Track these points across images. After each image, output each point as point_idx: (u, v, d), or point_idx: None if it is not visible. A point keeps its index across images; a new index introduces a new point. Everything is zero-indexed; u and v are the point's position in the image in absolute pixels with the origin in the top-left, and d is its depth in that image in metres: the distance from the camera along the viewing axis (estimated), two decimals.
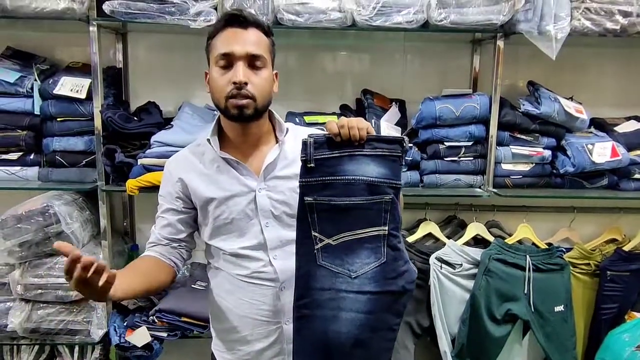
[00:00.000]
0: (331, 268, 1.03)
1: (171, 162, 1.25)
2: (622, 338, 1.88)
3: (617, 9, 1.69)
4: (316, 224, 1.03)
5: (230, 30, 1.11)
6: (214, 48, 1.13)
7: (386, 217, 1.03)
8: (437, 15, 1.66)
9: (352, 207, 1.01)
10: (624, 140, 1.90)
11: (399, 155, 1.02)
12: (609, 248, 2.03)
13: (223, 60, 1.10)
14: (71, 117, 1.81)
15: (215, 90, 1.12)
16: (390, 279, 1.04)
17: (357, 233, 1.03)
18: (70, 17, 1.69)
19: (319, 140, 1.01)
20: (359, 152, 1.00)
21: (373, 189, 1.01)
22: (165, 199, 1.24)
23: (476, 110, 1.81)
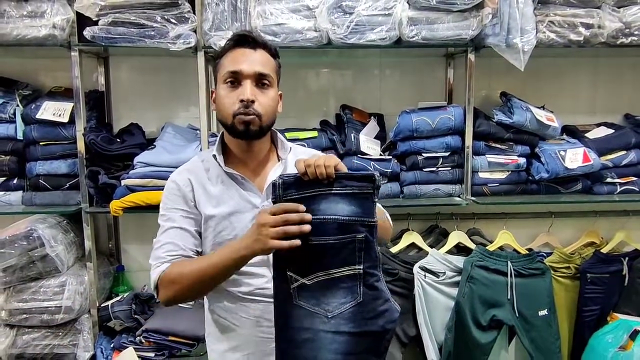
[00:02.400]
0: (307, 308, 1.02)
1: (176, 175, 1.22)
2: (605, 339, 1.91)
3: (580, 22, 1.77)
4: (290, 263, 1.01)
5: (239, 50, 1.14)
6: (222, 67, 1.15)
7: (360, 255, 1.01)
8: (409, 32, 1.73)
9: (324, 247, 1.00)
10: (595, 145, 1.97)
11: (370, 192, 1.00)
12: (587, 251, 2.08)
13: (231, 78, 1.13)
14: (54, 141, 1.83)
15: (223, 107, 1.14)
16: (368, 319, 1.01)
17: (330, 273, 1.01)
18: (52, 44, 1.73)
19: (288, 181, 1.00)
20: (328, 191, 0.99)
21: (345, 228, 1.00)
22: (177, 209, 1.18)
23: (451, 122, 1.87)
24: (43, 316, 1.77)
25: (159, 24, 1.70)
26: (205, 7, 1.74)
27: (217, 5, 1.72)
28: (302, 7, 1.74)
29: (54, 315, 1.77)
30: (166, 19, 1.70)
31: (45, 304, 1.76)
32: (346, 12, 1.71)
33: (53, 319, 1.77)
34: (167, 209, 1.18)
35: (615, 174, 1.97)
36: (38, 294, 1.77)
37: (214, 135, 1.94)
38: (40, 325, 1.78)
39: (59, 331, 1.81)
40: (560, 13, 1.77)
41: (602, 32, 1.78)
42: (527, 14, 1.70)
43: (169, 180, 1.21)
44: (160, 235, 1.17)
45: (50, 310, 1.77)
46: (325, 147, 1.91)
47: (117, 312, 1.86)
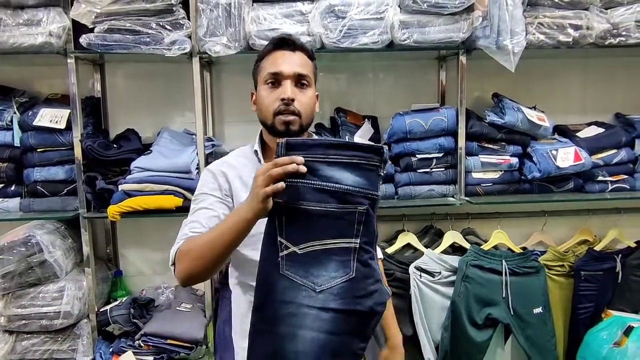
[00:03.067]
0: (294, 279, 0.95)
1: (212, 165, 1.26)
2: (600, 336, 1.94)
3: (568, 23, 1.80)
4: (283, 228, 0.96)
5: (279, 52, 1.19)
6: (263, 69, 1.21)
7: (359, 229, 0.96)
8: (401, 35, 1.75)
9: (322, 214, 0.94)
10: (586, 144, 2.00)
11: (377, 165, 0.96)
12: (581, 249, 2.10)
13: (272, 79, 1.18)
14: (51, 147, 1.85)
15: (263, 107, 1.19)
16: (357, 298, 0.96)
17: (325, 243, 0.96)
18: (48, 51, 1.75)
19: (292, 142, 0.95)
20: (334, 158, 0.94)
21: (346, 198, 0.94)
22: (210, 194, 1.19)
23: (444, 123, 1.89)
24: (42, 322, 1.78)
25: (154, 30, 1.72)
26: (199, 13, 1.76)
27: (211, 11, 1.74)
28: (295, 12, 1.76)
29: (52, 321, 1.78)
30: (161, 26, 1.72)
31: (44, 309, 1.77)
32: (339, 17, 1.74)
33: (52, 324, 1.78)
34: (199, 194, 1.21)
35: (606, 172, 2.00)
36: (37, 300, 1.78)
37: (209, 140, 1.96)
38: (40, 330, 1.80)
39: (57, 336, 1.82)
40: (549, 15, 1.80)
41: (590, 33, 1.81)
42: (516, 16, 1.72)
43: (205, 170, 1.25)
44: (189, 216, 1.18)
45: (49, 315, 1.78)
46: None
47: (115, 316, 1.87)
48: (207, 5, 1.74)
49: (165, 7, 1.72)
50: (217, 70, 2.09)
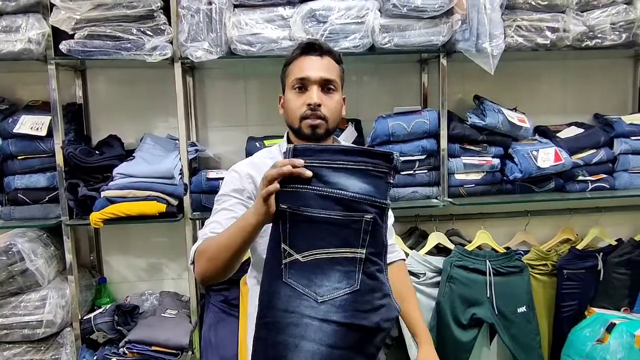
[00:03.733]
0: (296, 288, 0.93)
1: (239, 165, 1.25)
2: (583, 333, 1.96)
3: (546, 26, 1.83)
4: (287, 235, 0.93)
5: (306, 57, 1.20)
6: (290, 73, 1.22)
7: (365, 238, 0.92)
8: (382, 39, 1.77)
9: (326, 222, 0.92)
10: (566, 145, 2.03)
11: (386, 172, 0.94)
12: (563, 248, 2.13)
13: (299, 84, 1.19)
14: (32, 154, 1.83)
15: (291, 111, 1.20)
16: (362, 312, 0.92)
17: (329, 252, 0.93)
18: (27, 58, 1.73)
19: (299, 148, 0.94)
20: (340, 164, 0.92)
21: (352, 205, 0.92)
22: (232, 196, 1.19)
23: (426, 125, 1.91)
24: (24, 331, 1.76)
25: (135, 36, 1.71)
26: (180, 18, 1.76)
27: (192, 16, 1.74)
28: (277, 17, 1.77)
29: (35, 330, 1.76)
30: (142, 31, 1.72)
31: (26, 318, 1.75)
32: (320, 21, 1.75)
33: (34, 333, 1.76)
34: (222, 194, 1.21)
35: (586, 171, 2.03)
36: (19, 309, 1.76)
37: (193, 145, 1.96)
38: (22, 340, 1.77)
39: (40, 345, 1.80)
40: (527, 18, 1.83)
41: (567, 36, 1.84)
42: (495, 20, 1.75)
43: (231, 170, 1.25)
44: (211, 216, 1.19)
45: (32, 324, 1.76)
46: None
47: (99, 324, 1.86)
48: (188, 11, 1.74)
49: (146, 13, 1.71)
50: (199, 75, 2.09)
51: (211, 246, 1.05)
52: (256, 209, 0.96)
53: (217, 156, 2.14)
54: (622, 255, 2.09)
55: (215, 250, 1.04)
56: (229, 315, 1.91)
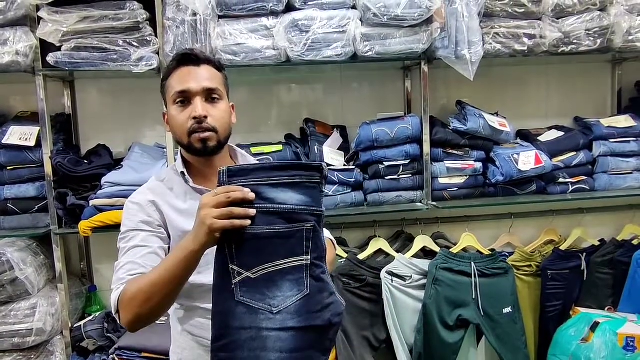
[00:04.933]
0: (251, 304, 0.95)
1: (136, 196, 1.18)
2: (568, 333, 1.99)
3: (523, 33, 1.88)
4: (234, 255, 0.95)
5: (184, 69, 1.14)
6: (170, 87, 1.16)
7: (308, 245, 0.97)
8: (363, 47, 1.81)
9: (272, 236, 0.95)
10: (547, 148, 2.07)
11: (319, 182, 0.99)
12: (547, 249, 2.17)
13: (180, 97, 1.13)
14: (21, 165, 1.85)
15: (177, 127, 1.15)
16: (315, 313, 0.97)
17: (278, 264, 0.96)
18: (15, 70, 1.76)
19: (234, 169, 0.96)
20: (276, 180, 0.96)
21: (293, 217, 0.96)
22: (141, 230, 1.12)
23: (409, 131, 1.95)
24: (14, 339, 1.77)
25: (121, 47, 1.75)
26: (166, 30, 1.79)
27: (177, 27, 1.77)
28: (261, 27, 1.81)
29: (25, 338, 1.77)
30: (128, 43, 1.75)
31: (16, 327, 1.77)
32: (302, 31, 1.79)
33: (24, 341, 1.78)
34: (127, 231, 1.13)
35: (566, 174, 2.07)
36: (8, 318, 1.78)
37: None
38: (12, 349, 1.78)
39: (31, 354, 1.81)
40: (504, 25, 1.88)
41: (544, 42, 1.89)
42: (473, 27, 1.80)
43: (129, 202, 1.17)
44: (121, 257, 1.11)
45: (21, 333, 1.77)
46: (290, 159, 1.97)
47: (89, 331, 1.87)
48: (174, 22, 1.77)
49: (132, 25, 1.75)
50: None
51: (142, 287, 0.99)
52: (197, 236, 0.94)
53: None
54: (605, 256, 2.13)
55: (149, 290, 0.98)
56: None
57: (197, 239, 0.94)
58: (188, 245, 0.96)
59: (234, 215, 0.91)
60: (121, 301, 1.02)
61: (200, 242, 0.94)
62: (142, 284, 1.00)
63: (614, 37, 1.94)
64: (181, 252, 0.97)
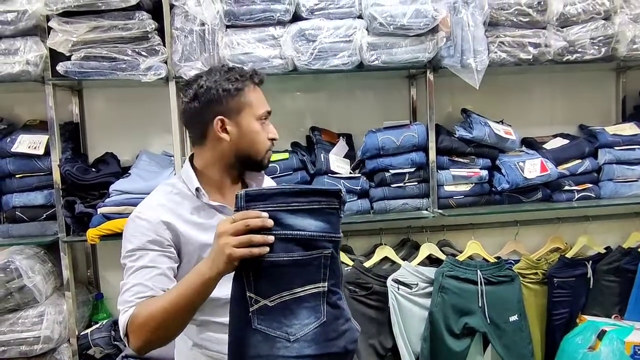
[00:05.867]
0: (268, 332, 0.93)
1: (146, 211, 1.13)
2: (575, 341, 1.99)
3: (528, 41, 1.90)
4: (252, 283, 0.93)
5: (257, 89, 1.20)
6: (254, 102, 1.17)
7: (325, 272, 0.97)
8: (369, 56, 1.82)
9: (290, 264, 0.94)
10: (552, 155, 2.08)
11: (337, 208, 0.97)
12: (553, 256, 2.17)
13: (265, 116, 1.20)
14: (30, 173, 1.87)
15: (259, 142, 1.18)
16: (331, 340, 0.97)
17: (295, 292, 0.95)
18: (25, 79, 1.78)
19: (252, 194, 0.94)
20: (295, 206, 0.94)
21: (312, 244, 0.95)
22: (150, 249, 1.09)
23: (415, 139, 1.96)
24: (21, 347, 1.78)
25: (130, 57, 1.77)
26: (174, 39, 1.81)
27: (185, 37, 1.79)
28: (268, 36, 1.83)
29: (32, 346, 1.78)
30: (137, 52, 1.77)
31: (23, 334, 1.77)
32: (309, 40, 1.80)
33: (32, 349, 1.78)
34: (135, 249, 1.08)
35: (572, 181, 2.08)
36: (16, 326, 1.78)
37: None
38: (19, 357, 1.79)
39: None
40: (509, 34, 1.89)
41: (549, 51, 1.90)
42: (478, 36, 1.81)
43: (136, 217, 1.12)
44: (127, 276, 1.07)
45: (29, 341, 1.78)
46: (297, 167, 1.98)
47: (96, 339, 1.88)
48: (182, 32, 1.80)
49: (141, 34, 1.77)
50: None
51: (154, 313, 0.97)
52: (215, 264, 0.92)
53: None
54: (611, 263, 2.13)
55: (161, 317, 0.97)
56: None
57: (215, 267, 0.93)
58: (204, 271, 0.94)
59: (253, 243, 0.90)
60: (130, 325, 1.00)
61: (217, 269, 0.92)
62: (153, 309, 0.98)
63: (618, 45, 1.95)
64: (197, 279, 0.95)
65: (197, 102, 1.16)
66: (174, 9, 1.82)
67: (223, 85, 1.15)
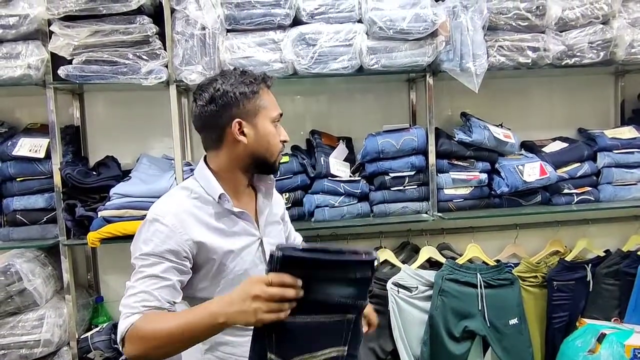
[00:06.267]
0: None
1: (167, 217, 1.11)
2: (575, 344, 1.99)
3: (527, 45, 1.90)
4: (273, 345, 0.93)
5: (269, 91, 1.22)
6: (265, 106, 1.18)
7: (347, 336, 0.97)
8: (369, 60, 1.83)
9: (314, 327, 0.94)
10: (551, 159, 2.09)
11: (369, 278, 0.97)
12: (553, 260, 2.17)
13: (279, 119, 1.23)
14: (31, 176, 1.87)
15: (273, 144, 1.20)
16: None
17: (316, 354, 0.95)
18: (27, 83, 1.79)
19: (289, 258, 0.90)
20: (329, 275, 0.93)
21: (337, 308, 0.95)
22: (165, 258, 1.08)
23: (414, 142, 1.97)
24: (22, 351, 1.77)
25: (131, 60, 1.77)
26: (175, 43, 1.82)
27: (186, 41, 1.80)
28: (268, 40, 1.84)
29: (32, 350, 1.78)
30: (138, 56, 1.78)
31: (24, 338, 1.77)
32: (309, 44, 1.81)
33: (32, 353, 1.78)
34: (149, 254, 1.07)
35: (571, 185, 2.08)
36: (16, 329, 1.78)
37: (188, 164, 2.01)
38: None
39: None
40: (508, 38, 1.90)
41: (547, 55, 1.91)
42: (477, 40, 1.82)
43: (158, 222, 1.10)
44: (135, 279, 1.06)
45: (29, 344, 1.78)
46: (297, 171, 1.99)
47: (96, 342, 1.88)
48: (183, 36, 1.80)
49: (142, 38, 1.78)
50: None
51: (157, 333, 0.98)
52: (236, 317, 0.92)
53: None
54: (611, 266, 2.13)
55: (163, 339, 0.97)
56: None
57: (233, 318, 0.93)
58: (218, 315, 0.94)
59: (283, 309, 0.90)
60: (130, 334, 1.00)
61: (234, 321, 0.93)
62: (158, 329, 0.98)
63: (616, 49, 1.96)
64: (209, 319, 0.95)
65: (214, 105, 1.16)
66: (175, 13, 1.83)
67: (240, 89, 1.16)
